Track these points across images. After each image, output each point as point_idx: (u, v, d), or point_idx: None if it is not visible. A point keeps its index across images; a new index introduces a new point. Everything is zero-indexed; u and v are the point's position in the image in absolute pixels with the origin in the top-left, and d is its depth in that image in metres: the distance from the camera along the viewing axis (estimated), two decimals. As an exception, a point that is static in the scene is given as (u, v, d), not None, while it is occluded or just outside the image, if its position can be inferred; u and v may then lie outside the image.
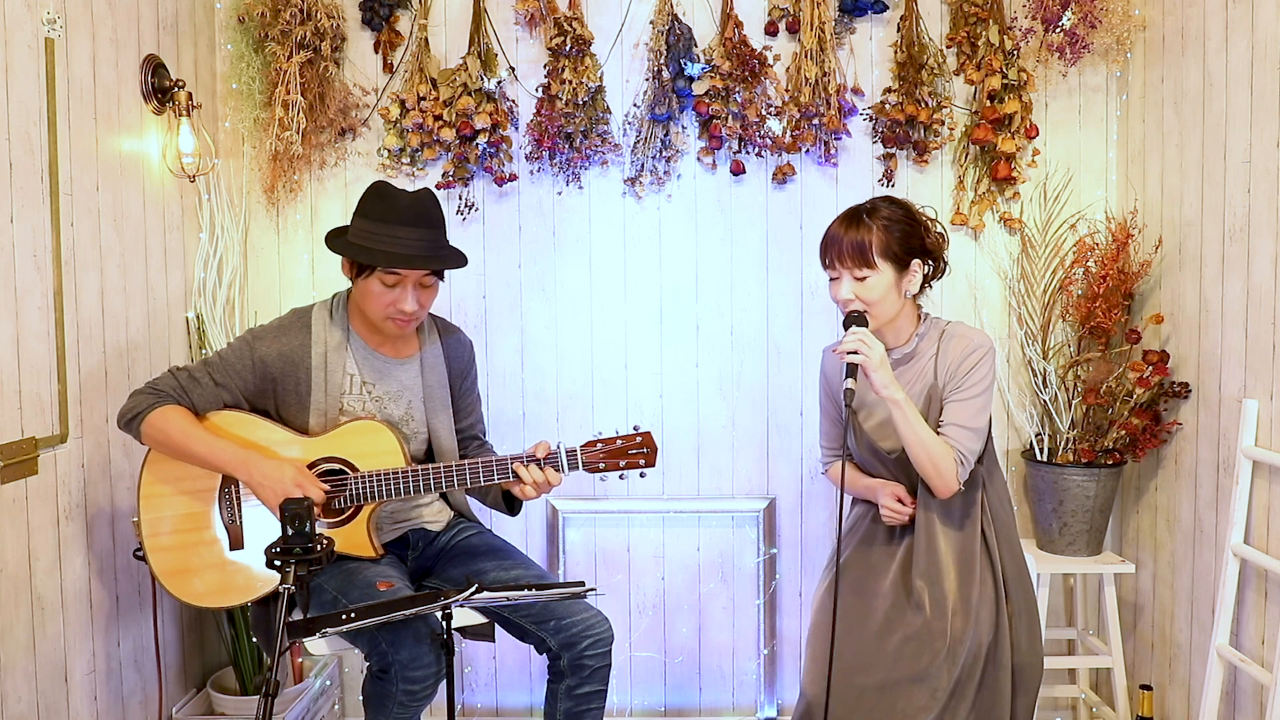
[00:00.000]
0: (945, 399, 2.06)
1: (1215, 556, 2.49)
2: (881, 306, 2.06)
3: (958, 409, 2.04)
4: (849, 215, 2.09)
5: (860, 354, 1.96)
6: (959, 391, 2.05)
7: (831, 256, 2.07)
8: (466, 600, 1.82)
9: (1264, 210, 2.26)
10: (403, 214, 2.08)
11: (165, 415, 2.07)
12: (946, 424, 2.04)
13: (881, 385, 1.97)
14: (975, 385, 2.04)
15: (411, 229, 2.06)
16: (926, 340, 2.12)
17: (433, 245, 2.10)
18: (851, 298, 2.05)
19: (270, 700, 1.56)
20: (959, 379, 2.05)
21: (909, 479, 2.13)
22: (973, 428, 2.03)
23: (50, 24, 2.17)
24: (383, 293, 2.09)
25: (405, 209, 2.09)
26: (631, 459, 2.09)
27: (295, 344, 2.15)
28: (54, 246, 2.19)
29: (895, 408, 1.98)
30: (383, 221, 2.07)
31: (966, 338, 2.09)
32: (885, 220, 2.05)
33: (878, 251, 2.02)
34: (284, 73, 2.79)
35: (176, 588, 2.12)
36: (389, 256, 2.05)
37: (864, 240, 2.02)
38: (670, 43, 2.86)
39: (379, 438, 2.13)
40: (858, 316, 2.04)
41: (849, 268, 2.04)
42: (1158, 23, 2.75)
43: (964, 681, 1.96)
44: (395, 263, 2.05)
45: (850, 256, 2.03)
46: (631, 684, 3.10)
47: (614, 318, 3.02)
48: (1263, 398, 2.28)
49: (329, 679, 2.97)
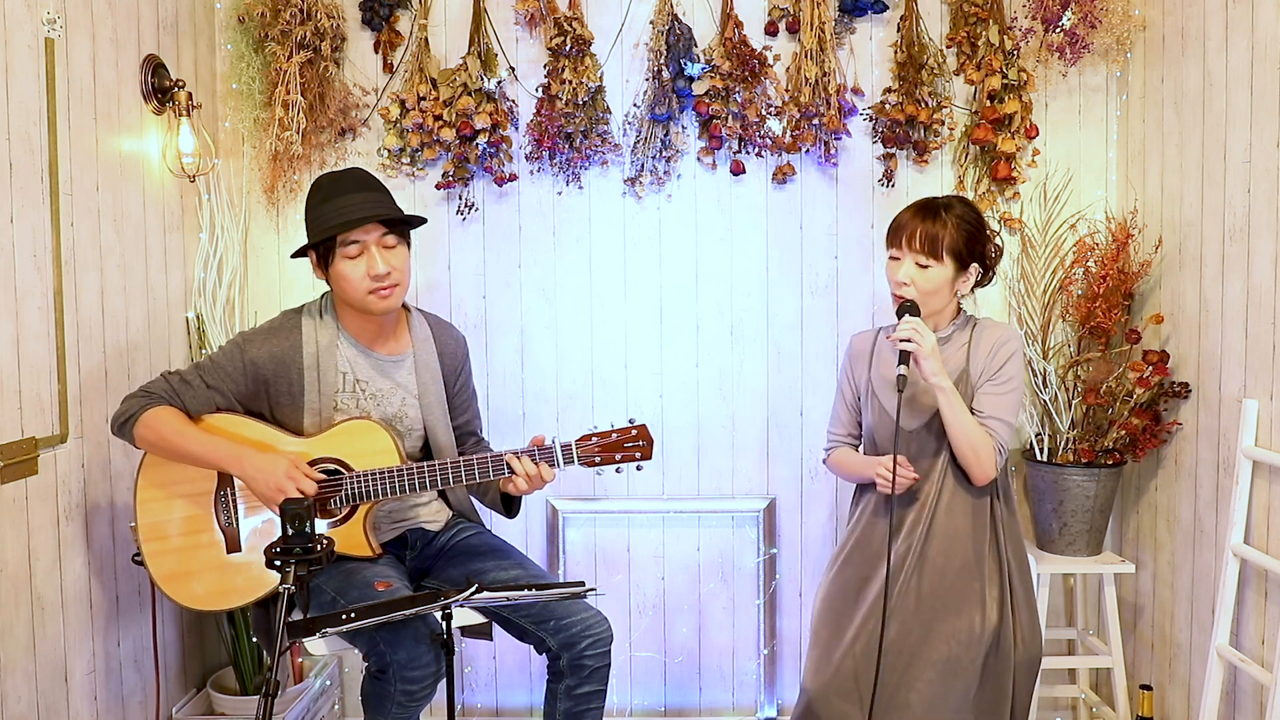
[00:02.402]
0: (979, 388, 2.13)
1: (1215, 556, 2.49)
2: (934, 299, 2.15)
3: (995, 401, 2.12)
4: (925, 206, 2.16)
5: (914, 342, 2.02)
6: (996, 384, 2.12)
7: (902, 238, 2.14)
8: (466, 600, 1.82)
9: (1264, 210, 2.26)
10: (341, 186, 2.11)
11: (158, 416, 2.07)
12: (986, 415, 2.11)
13: (931, 373, 2.04)
14: (1012, 379, 2.13)
15: (352, 195, 2.10)
16: (961, 331, 2.21)
17: (378, 204, 2.12)
18: (908, 281, 2.12)
19: (270, 700, 1.56)
20: (993, 370, 2.13)
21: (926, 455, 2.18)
22: (1007, 420, 2.12)
23: (50, 24, 2.17)
24: (351, 268, 2.10)
25: (341, 181, 2.13)
26: (627, 452, 2.09)
27: (286, 345, 2.15)
28: (54, 246, 2.19)
29: (942, 394, 2.05)
30: (326, 201, 2.11)
31: (997, 329, 2.19)
32: (959, 218, 2.13)
33: (947, 247, 2.11)
34: (284, 73, 2.79)
35: (175, 591, 2.12)
36: (341, 226, 2.07)
37: (938, 233, 2.11)
38: (670, 43, 2.86)
39: (374, 437, 2.13)
40: (911, 306, 2.10)
41: (916, 252, 2.12)
42: (1158, 23, 2.75)
43: (966, 664, 1.99)
44: (348, 226, 2.07)
45: (922, 243, 2.11)
46: (631, 684, 3.10)
47: (614, 318, 3.02)
48: (1263, 398, 2.28)
49: (329, 679, 2.97)
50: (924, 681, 1.99)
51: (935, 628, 2.03)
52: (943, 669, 1.99)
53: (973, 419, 2.08)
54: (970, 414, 2.08)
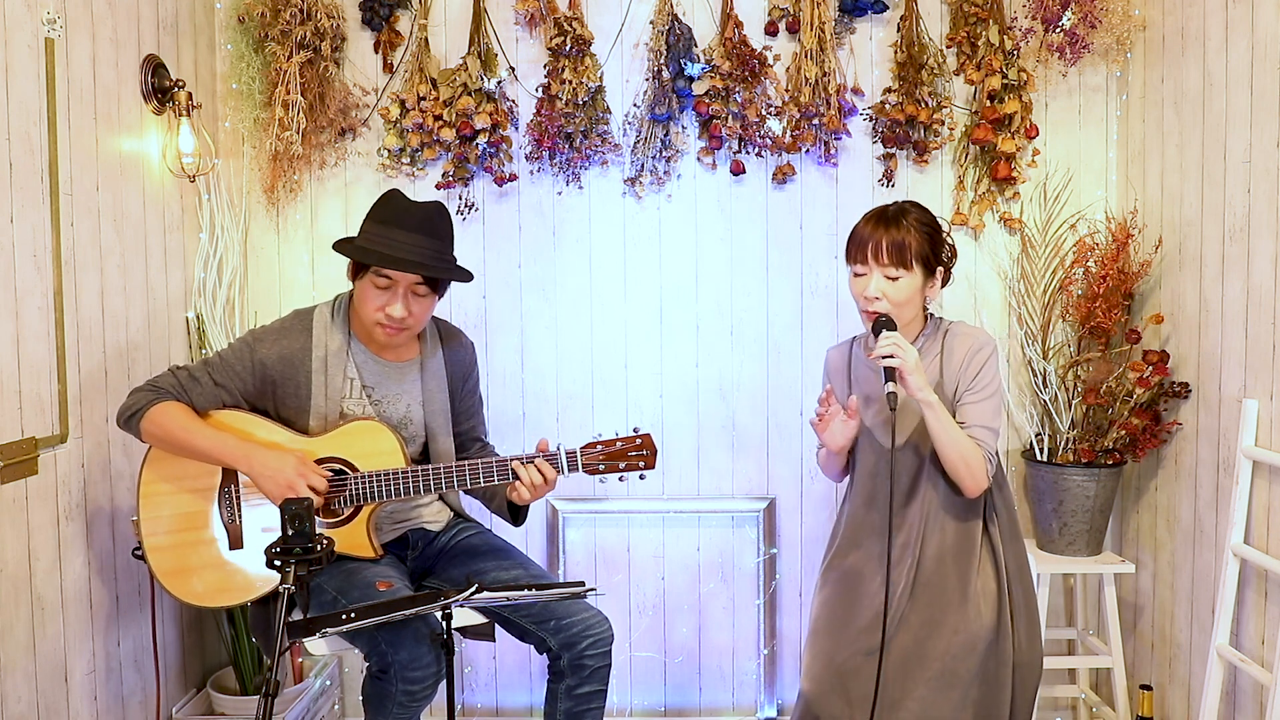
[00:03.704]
0: (959, 401, 2.07)
1: (1215, 556, 2.49)
2: (906, 310, 2.07)
3: (977, 410, 2.06)
4: (882, 215, 2.07)
5: (896, 358, 1.95)
6: (974, 393, 2.06)
7: (867, 252, 2.05)
8: (466, 600, 1.82)
9: (1264, 210, 2.26)
10: (404, 219, 2.08)
11: (165, 410, 2.07)
12: (971, 426, 2.05)
13: (917, 388, 1.96)
14: (988, 385, 2.06)
15: (411, 234, 2.07)
16: (932, 339, 2.14)
17: (429, 254, 2.08)
18: (878, 295, 2.04)
19: (270, 700, 1.56)
20: (969, 380, 2.07)
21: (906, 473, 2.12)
22: (993, 427, 2.06)
23: (50, 24, 2.17)
24: (375, 295, 2.09)
25: (407, 214, 2.09)
26: (631, 461, 2.09)
27: (296, 347, 2.15)
28: (54, 246, 2.19)
29: (929, 410, 1.98)
30: (385, 224, 2.08)
31: (970, 336, 2.10)
32: (919, 223, 2.05)
33: (915, 253, 2.03)
34: (284, 73, 2.79)
35: (175, 587, 2.12)
36: (381, 256, 2.05)
37: (904, 241, 2.02)
38: (670, 43, 2.86)
39: (379, 438, 2.13)
40: (887, 321, 2.03)
41: (884, 265, 2.03)
42: (1158, 23, 2.75)
43: (962, 672, 1.96)
44: (385, 263, 2.05)
45: (889, 255, 2.02)
46: (631, 684, 3.10)
47: (614, 318, 3.02)
48: (1263, 398, 2.28)
49: (329, 679, 2.97)
50: (923, 685, 1.97)
51: (932, 640, 2.00)
52: (938, 681, 1.97)
53: (961, 431, 2.02)
54: (957, 426, 2.02)
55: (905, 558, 2.08)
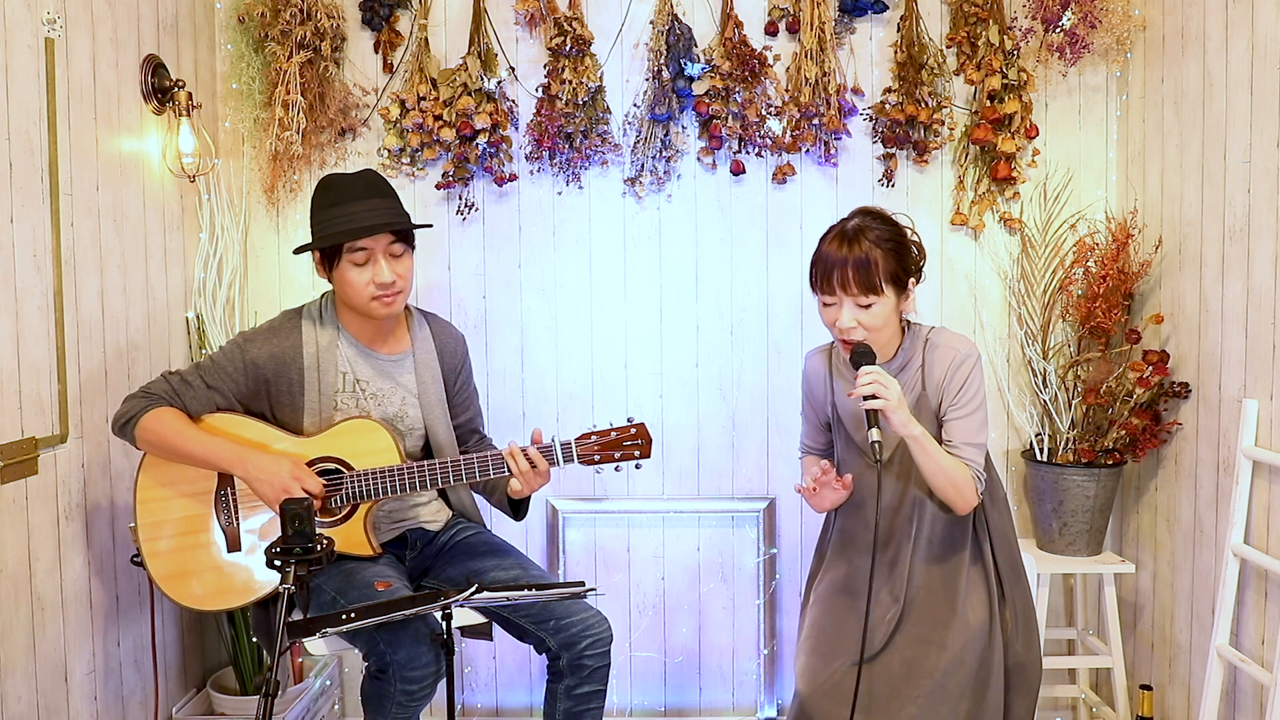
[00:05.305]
0: (945, 418, 2.00)
1: (1215, 556, 2.49)
2: (883, 333, 1.97)
3: (962, 427, 1.98)
4: (841, 237, 1.93)
5: (880, 398, 1.84)
6: (958, 409, 1.99)
7: (834, 283, 1.92)
8: (466, 600, 1.82)
9: (1264, 210, 2.26)
10: (350, 191, 2.10)
11: (159, 417, 2.07)
12: (957, 444, 1.97)
13: (901, 425, 1.87)
14: (973, 400, 1.99)
15: (363, 201, 2.09)
16: (912, 351, 2.04)
17: (389, 212, 2.11)
18: (853, 325, 1.93)
19: (270, 700, 1.56)
20: (954, 394, 1.99)
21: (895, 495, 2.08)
22: (979, 443, 1.99)
23: (50, 24, 2.17)
24: (357, 273, 2.10)
25: (351, 186, 2.11)
26: (626, 450, 2.09)
27: (287, 345, 2.15)
28: (54, 246, 2.19)
29: (914, 443, 1.90)
30: (335, 205, 2.10)
31: (952, 347, 2.01)
32: (879, 240, 1.92)
33: (884, 275, 1.90)
34: (284, 73, 2.80)
35: (175, 591, 2.12)
36: (350, 231, 2.06)
37: (868, 261, 1.89)
38: (670, 43, 2.86)
39: (374, 436, 2.13)
40: (865, 351, 1.92)
41: (853, 295, 1.91)
42: (1158, 23, 2.75)
43: (952, 688, 1.93)
44: (357, 235, 2.06)
45: (857, 284, 1.90)
46: (631, 684, 3.10)
47: (614, 318, 3.02)
48: (1263, 398, 2.28)
49: (329, 679, 2.97)
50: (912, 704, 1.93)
51: (921, 659, 1.95)
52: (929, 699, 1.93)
53: (948, 457, 1.93)
54: (943, 452, 1.94)
55: (893, 576, 2.05)
